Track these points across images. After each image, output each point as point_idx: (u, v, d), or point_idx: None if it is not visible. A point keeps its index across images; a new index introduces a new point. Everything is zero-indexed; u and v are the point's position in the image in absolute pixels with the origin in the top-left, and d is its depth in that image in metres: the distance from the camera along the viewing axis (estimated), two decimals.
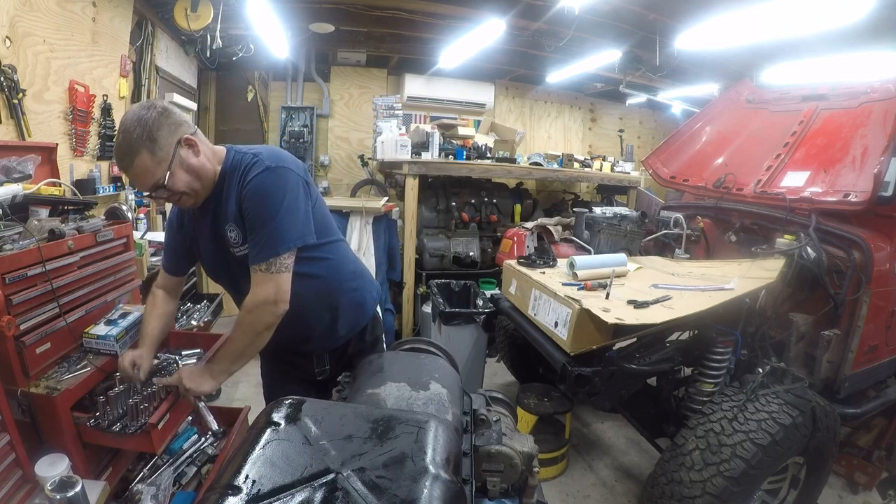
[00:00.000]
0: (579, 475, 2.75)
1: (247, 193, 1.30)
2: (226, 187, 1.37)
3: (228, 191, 1.36)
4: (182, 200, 1.36)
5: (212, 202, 1.41)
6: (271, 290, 1.31)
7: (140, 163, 1.24)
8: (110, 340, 1.70)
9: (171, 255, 1.62)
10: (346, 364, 1.58)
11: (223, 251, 1.44)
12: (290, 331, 1.45)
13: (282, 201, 1.30)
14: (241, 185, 1.32)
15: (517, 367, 3.44)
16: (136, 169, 1.25)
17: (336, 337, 1.60)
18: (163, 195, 1.31)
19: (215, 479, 0.69)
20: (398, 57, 5.47)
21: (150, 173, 1.25)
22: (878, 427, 2.64)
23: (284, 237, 1.30)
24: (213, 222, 1.43)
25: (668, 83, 5.56)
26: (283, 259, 1.30)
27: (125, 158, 1.25)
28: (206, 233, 1.46)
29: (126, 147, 1.23)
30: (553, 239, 3.32)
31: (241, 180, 1.33)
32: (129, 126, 1.23)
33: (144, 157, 1.23)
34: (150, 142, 1.23)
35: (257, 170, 1.31)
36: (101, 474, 1.67)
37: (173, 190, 1.30)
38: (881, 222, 2.30)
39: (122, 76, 3.31)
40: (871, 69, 2.74)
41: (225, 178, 1.38)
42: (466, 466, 0.88)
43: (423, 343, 1.29)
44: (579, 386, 1.94)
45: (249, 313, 1.34)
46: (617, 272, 2.25)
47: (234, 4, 3.63)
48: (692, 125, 3.40)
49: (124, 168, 1.28)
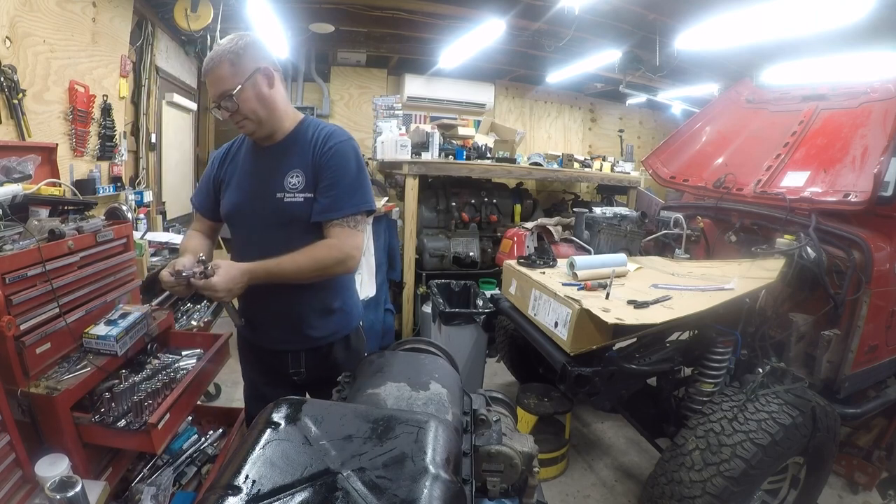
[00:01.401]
0: (579, 475, 2.75)
1: (334, 152, 1.43)
2: (300, 139, 1.49)
3: (303, 144, 1.47)
4: (243, 124, 1.44)
5: (279, 147, 1.49)
6: (356, 244, 1.44)
7: (219, 71, 1.37)
8: (110, 340, 1.70)
9: (208, 199, 1.63)
10: (328, 369, 1.54)
11: (268, 195, 1.46)
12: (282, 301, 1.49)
13: (362, 169, 1.48)
14: (324, 144, 1.45)
15: (517, 367, 3.44)
16: (213, 75, 1.38)
17: (314, 336, 1.55)
18: (229, 107, 1.39)
19: (215, 479, 0.69)
20: (398, 57, 5.47)
21: (223, 81, 1.37)
22: (878, 427, 2.64)
23: (366, 197, 1.47)
24: (272, 165, 1.48)
25: (668, 83, 5.56)
26: (361, 217, 1.46)
27: (209, 65, 1.39)
28: (256, 173, 1.51)
29: (213, 56, 1.38)
30: (553, 239, 3.32)
31: (324, 140, 1.46)
32: (223, 42, 1.40)
33: (224, 67, 1.37)
34: (233, 55, 1.37)
35: (342, 136, 1.48)
36: (101, 474, 1.67)
37: (238, 106, 1.39)
38: (881, 222, 2.30)
39: (122, 76, 3.31)
40: (871, 69, 2.74)
41: (300, 132, 1.50)
42: (466, 466, 0.88)
43: (423, 343, 1.29)
44: (579, 386, 1.94)
45: (330, 249, 1.41)
46: (617, 272, 2.25)
47: (234, 4, 3.63)
48: (692, 125, 3.40)
49: (205, 74, 1.42)
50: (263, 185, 1.47)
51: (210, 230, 1.67)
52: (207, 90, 1.46)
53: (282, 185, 1.45)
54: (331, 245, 1.42)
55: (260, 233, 1.48)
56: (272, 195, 1.45)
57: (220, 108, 1.41)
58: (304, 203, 1.44)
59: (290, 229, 1.46)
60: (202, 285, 1.29)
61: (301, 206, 1.44)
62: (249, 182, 1.52)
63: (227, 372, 3.24)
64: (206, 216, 1.66)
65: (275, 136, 1.50)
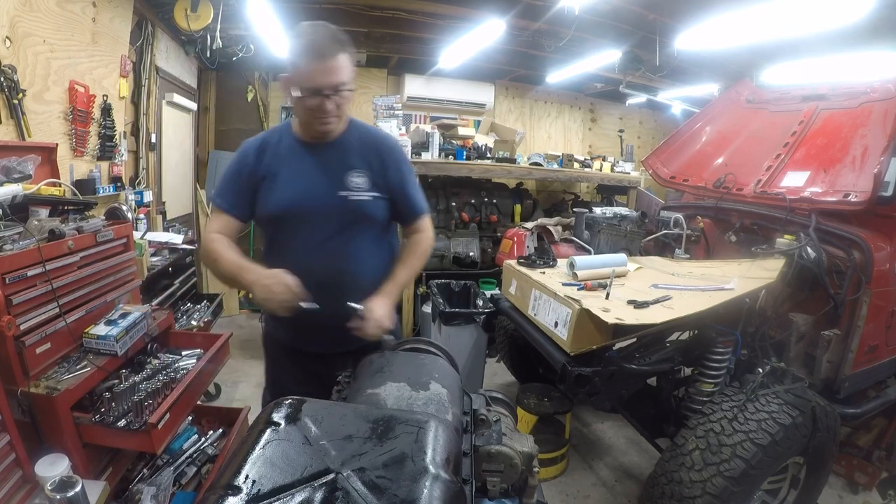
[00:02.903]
0: (579, 475, 2.75)
1: (398, 154, 1.55)
2: (354, 139, 1.49)
3: (358, 144, 1.49)
4: (329, 120, 1.40)
5: (334, 146, 1.48)
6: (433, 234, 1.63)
7: (343, 58, 1.33)
8: (110, 340, 1.70)
9: (240, 196, 1.49)
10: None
11: (329, 194, 1.44)
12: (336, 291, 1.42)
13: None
14: (385, 145, 1.53)
15: (517, 367, 3.44)
16: (338, 61, 1.32)
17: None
18: (334, 98, 1.35)
19: (215, 479, 0.69)
20: (398, 57, 5.47)
21: (341, 71, 1.33)
22: (878, 427, 2.64)
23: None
24: (329, 163, 1.47)
25: (668, 83, 5.56)
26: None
27: (324, 51, 1.31)
28: (311, 172, 1.46)
29: (328, 44, 1.32)
30: (553, 239, 3.33)
31: (382, 141, 1.55)
32: (322, 30, 1.34)
33: (344, 58, 1.33)
34: (348, 48, 1.35)
35: (394, 137, 1.61)
36: (101, 474, 1.67)
37: (342, 99, 1.37)
38: (881, 222, 2.29)
39: (122, 76, 3.30)
40: (871, 69, 2.74)
41: (352, 132, 1.50)
42: (466, 466, 0.88)
43: (423, 343, 1.28)
44: (579, 386, 1.94)
45: (429, 242, 1.60)
46: (617, 272, 2.25)
47: (234, 4, 3.62)
48: (692, 125, 3.40)
49: (322, 56, 1.31)
50: (322, 184, 1.44)
51: (235, 232, 1.52)
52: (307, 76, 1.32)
53: (344, 183, 1.44)
54: (428, 238, 1.59)
55: (322, 232, 1.45)
56: (333, 194, 1.43)
57: (324, 96, 1.34)
58: (372, 202, 1.46)
59: (354, 229, 1.47)
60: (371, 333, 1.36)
61: (370, 206, 1.46)
62: (306, 180, 1.45)
63: (227, 372, 3.25)
64: (236, 215, 1.49)
65: (331, 134, 1.47)
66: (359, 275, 1.48)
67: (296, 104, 1.41)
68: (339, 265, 1.46)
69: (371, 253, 1.52)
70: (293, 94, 1.36)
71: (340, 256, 1.45)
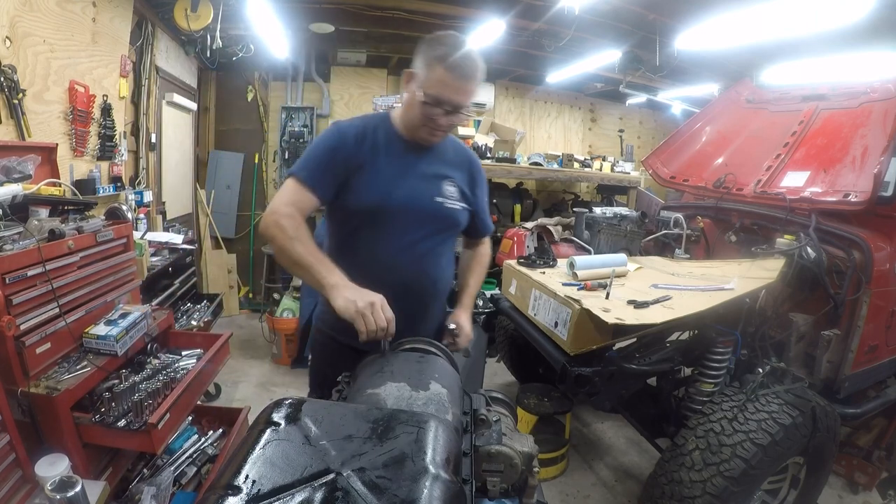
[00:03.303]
0: (579, 475, 2.75)
1: (484, 178, 1.65)
2: (448, 150, 1.54)
3: (452, 156, 1.54)
4: (439, 133, 1.43)
5: (433, 153, 1.49)
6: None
7: (478, 85, 1.38)
8: (110, 340, 1.70)
9: (330, 176, 1.39)
10: None
11: (426, 197, 1.45)
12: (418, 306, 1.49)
13: None
14: (476, 165, 1.60)
15: (517, 367, 3.44)
16: (475, 85, 1.37)
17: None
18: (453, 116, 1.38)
19: (215, 479, 0.69)
20: (398, 57, 5.46)
21: (475, 93, 1.39)
22: (878, 427, 2.64)
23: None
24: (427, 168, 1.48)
25: (668, 83, 5.55)
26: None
27: (474, 73, 1.36)
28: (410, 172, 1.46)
29: (478, 66, 1.37)
30: (553, 239, 3.33)
31: (472, 158, 1.61)
32: (475, 51, 1.37)
33: (479, 85, 1.39)
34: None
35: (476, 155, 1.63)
36: (101, 474, 1.67)
37: (458, 119, 1.42)
38: (881, 222, 2.30)
39: (122, 76, 3.30)
40: (871, 69, 2.74)
41: (446, 143, 1.54)
42: (466, 466, 0.88)
43: (423, 343, 1.28)
44: (579, 386, 1.94)
45: (489, 257, 1.75)
46: (617, 272, 2.25)
47: (234, 4, 3.62)
48: (692, 125, 3.40)
49: (465, 77, 1.34)
50: (422, 186, 1.45)
51: (308, 211, 1.39)
52: (442, 88, 1.32)
53: (440, 190, 1.46)
54: (489, 252, 1.73)
55: (413, 234, 1.43)
56: (431, 198, 1.44)
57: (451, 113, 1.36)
58: (462, 212, 1.51)
59: (441, 235, 1.49)
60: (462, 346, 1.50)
61: (461, 215, 1.51)
62: (407, 179, 1.43)
63: (227, 372, 3.25)
64: (319, 194, 1.38)
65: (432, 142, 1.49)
66: (438, 280, 1.52)
67: (412, 104, 1.38)
68: (425, 268, 1.47)
69: (449, 260, 1.56)
70: (417, 96, 1.34)
71: (426, 260, 1.47)
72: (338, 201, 1.42)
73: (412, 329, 1.36)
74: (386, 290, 1.26)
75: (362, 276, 1.30)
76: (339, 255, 1.41)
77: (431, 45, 1.35)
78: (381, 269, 1.38)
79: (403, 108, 1.45)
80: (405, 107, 1.44)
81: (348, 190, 1.40)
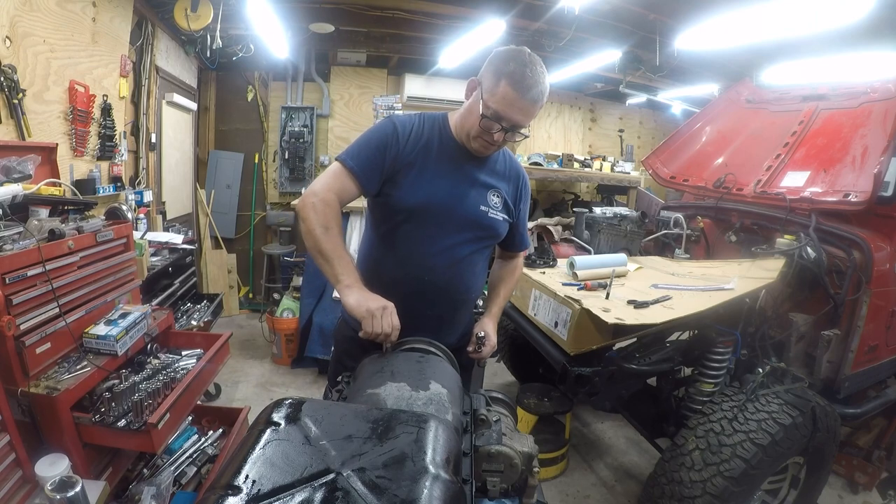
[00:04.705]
0: (579, 475, 2.75)
1: (529, 193, 1.63)
2: (497, 161, 1.52)
3: (500, 168, 1.52)
4: (492, 148, 1.42)
5: (481, 162, 1.47)
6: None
7: (539, 107, 1.33)
8: (110, 340, 1.70)
9: (374, 167, 1.38)
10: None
11: (471, 205, 1.44)
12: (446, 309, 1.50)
13: None
14: (524, 180, 1.58)
15: (517, 367, 3.44)
16: (537, 108, 1.32)
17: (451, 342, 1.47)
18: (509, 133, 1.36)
19: (215, 479, 0.69)
20: (398, 57, 5.46)
21: (533, 117, 1.36)
22: (878, 427, 2.64)
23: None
24: (475, 176, 1.46)
25: (668, 83, 5.55)
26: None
27: (539, 94, 1.30)
28: (458, 177, 1.45)
29: (543, 87, 1.31)
30: (553, 239, 3.33)
31: (520, 172, 1.57)
32: (544, 73, 1.31)
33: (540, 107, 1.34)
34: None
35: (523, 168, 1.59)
36: (101, 474, 1.67)
37: (512, 137, 1.39)
38: (881, 222, 2.30)
39: (122, 76, 3.30)
40: (871, 69, 2.74)
41: (498, 153, 1.51)
42: (466, 466, 0.88)
43: (423, 343, 1.28)
44: (579, 386, 1.94)
45: (519, 272, 1.73)
46: (617, 272, 2.25)
47: (234, 4, 3.62)
48: (692, 125, 3.40)
49: (530, 98, 1.29)
50: (470, 193, 1.44)
51: (348, 200, 1.40)
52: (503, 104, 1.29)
53: (486, 199, 1.45)
54: (521, 268, 1.73)
55: (454, 238, 1.43)
56: (475, 206, 1.44)
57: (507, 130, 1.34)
58: (503, 223, 1.50)
59: (480, 243, 1.49)
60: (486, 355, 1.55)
61: (502, 226, 1.50)
62: (457, 184, 1.43)
63: (227, 372, 3.25)
64: (363, 184, 1.38)
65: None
66: (471, 287, 1.53)
67: (471, 113, 1.36)
68: (460, 273, 1.47)
69: (483, 269, 1.56)
70: (478, 107, 1.32)
71: (462, 265, 1.46)
72: (382, 196, 1.42)
73: (438, 331, 1.39)
74: (419, 289, 1.33)
75: (398, 271, 1.37)
76: (377, 247, 1.45)
77: (503, 58, 1.31)
78: (418, 268, 1.39)
79: (462, 114, 1.43)
80: (464, 113, 1.42)
81: (395, 186, 1.40)
